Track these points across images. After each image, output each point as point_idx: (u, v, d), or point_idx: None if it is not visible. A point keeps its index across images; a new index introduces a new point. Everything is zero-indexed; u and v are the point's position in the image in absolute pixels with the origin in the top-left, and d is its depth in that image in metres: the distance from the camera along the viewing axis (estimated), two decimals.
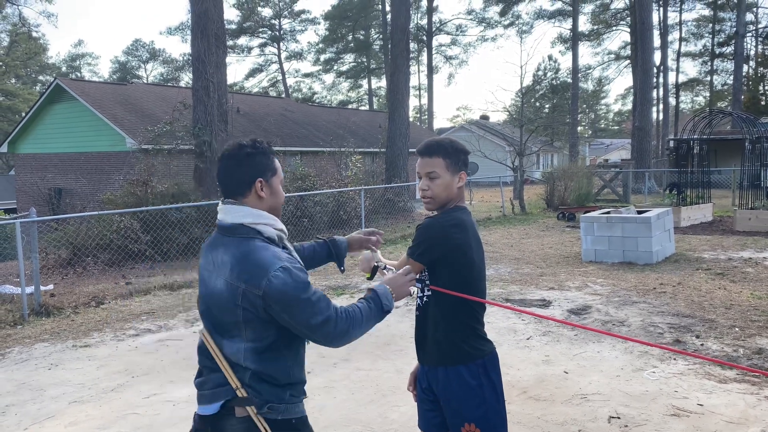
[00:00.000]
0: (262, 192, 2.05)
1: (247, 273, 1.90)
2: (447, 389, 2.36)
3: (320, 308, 1.93)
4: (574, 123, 39.86)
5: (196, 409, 2.06)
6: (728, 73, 50.45)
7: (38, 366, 5.66)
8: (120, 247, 11.02)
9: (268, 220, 2.04)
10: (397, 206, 17.75)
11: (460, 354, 2.35)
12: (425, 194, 2.44)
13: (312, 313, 1.91)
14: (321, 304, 1.94)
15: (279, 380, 1.99)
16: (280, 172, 2.12)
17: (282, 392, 2.00)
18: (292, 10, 57.33)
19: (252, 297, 1.90)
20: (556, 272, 9.27)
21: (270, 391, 1.97)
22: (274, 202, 2.10)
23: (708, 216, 15.35)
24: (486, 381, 2.33)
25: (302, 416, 2.07)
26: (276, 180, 2.10)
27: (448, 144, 2.44)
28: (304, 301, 1.90)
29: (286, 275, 1.89)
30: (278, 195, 2.11)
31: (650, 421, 4.07)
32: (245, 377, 1.96)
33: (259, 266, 1.90)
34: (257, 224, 2.00)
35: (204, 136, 13.74)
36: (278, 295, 1.88)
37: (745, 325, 6.13)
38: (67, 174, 20.92)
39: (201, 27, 13.90)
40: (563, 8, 47.31)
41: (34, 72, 60.15)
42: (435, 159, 2.40)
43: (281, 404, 1.98)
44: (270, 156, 2.10)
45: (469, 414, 2.31)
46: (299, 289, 1.90)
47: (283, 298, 1.88)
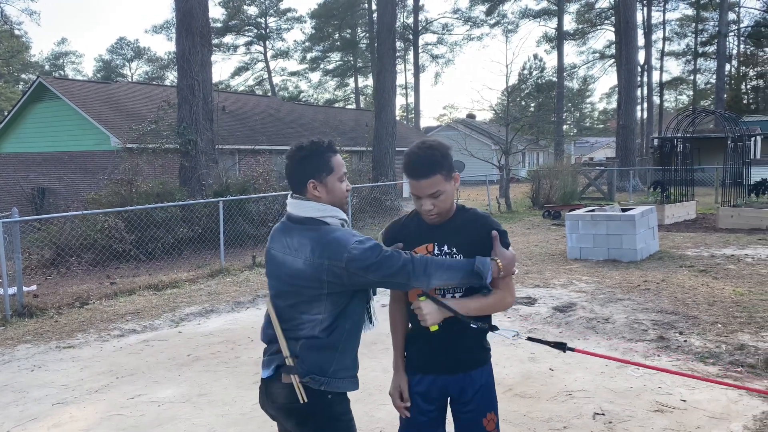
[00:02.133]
0: (316, 191, 2.28)
1: (328, 251, 2.17)
2: (476, 389, 2.39)
3: (395, 258, 2.17)
4: (559, 122, 40.07)
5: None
6: (711, 72, 51.08)
7: (21, 367, 5.60)
8: (104, 247, 10.93)
9: (333, 212, 2.28)
10: (384, 205, 17.75)
11: (486, 354, 2.46)
12: (432, 213, 2.30)
13: (390, 264, 2.16)
14: (395, 255, 2.17)
15: (326, 352, 2.22)
16: (338, 169, 2.31)
17: (326, 365, 2.22)
18: (278, 9, 57.15)
19: (337, 269, 2.16)
20: (542, 270, 9.32)
21: (313, 362, 2.21)
22: (332, 199, 2.31)
23: (691, 214, 15.51)
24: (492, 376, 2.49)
25: (341, 394, 2.27)
26: (332, 179, 2.30)
27: (438, 156, 2.26)
28: (382, 258, 2.15)
29: (361, 245, 2.16)
30: (335, 192, 2.31)
31: (634, 417, 4.11)
32: (296, 348, 2.23)
33: (339, 243, 2.18)
34: (324, 217, 2.27)
35: (189, 135, 13.66)
36: (359, 262, 2.14)
37: (728, 322, 6.21)
38: (50, 173, 20.70)
39: (186, 25, 13.81)
40: (548, 7, 47.54)
41: (17, 70, 59.45)
42: (434, 178, 2.24)
43: (323, 377, 2.21)
44: (326, 156, 2.30)
45: (490, 404, 2.43)
46: (374, 252, 2.15)
47: (363, 263, 2.14)
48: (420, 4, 50.66)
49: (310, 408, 2.21)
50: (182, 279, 9.40)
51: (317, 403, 2.21)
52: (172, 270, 10.38)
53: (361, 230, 14.75)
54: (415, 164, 2.27)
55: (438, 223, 2.35)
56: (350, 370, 2.30)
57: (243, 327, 6.76)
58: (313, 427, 2.25)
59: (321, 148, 2.29)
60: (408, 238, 2.39)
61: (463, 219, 2.37)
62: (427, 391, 2.41)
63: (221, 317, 7.25)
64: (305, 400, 2.19)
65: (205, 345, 6.13)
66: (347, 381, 2.29)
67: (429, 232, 2.37)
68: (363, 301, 2.33)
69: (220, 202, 10.61)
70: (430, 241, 2.36)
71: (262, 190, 13.83)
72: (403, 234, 2.43)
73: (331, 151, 2.32)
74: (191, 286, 9.00)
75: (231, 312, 7.49)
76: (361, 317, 2.35)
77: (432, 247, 2.36)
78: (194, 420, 4.32)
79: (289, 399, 2.22)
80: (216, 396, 4.75)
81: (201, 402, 4.65)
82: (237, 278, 9.54)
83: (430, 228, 2.37)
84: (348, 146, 23.00)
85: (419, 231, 2.39)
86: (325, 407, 2.24)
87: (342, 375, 2.26)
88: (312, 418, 2.23)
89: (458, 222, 2.36)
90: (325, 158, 2.29)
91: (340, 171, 2.32)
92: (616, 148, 32.81)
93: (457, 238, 2.34)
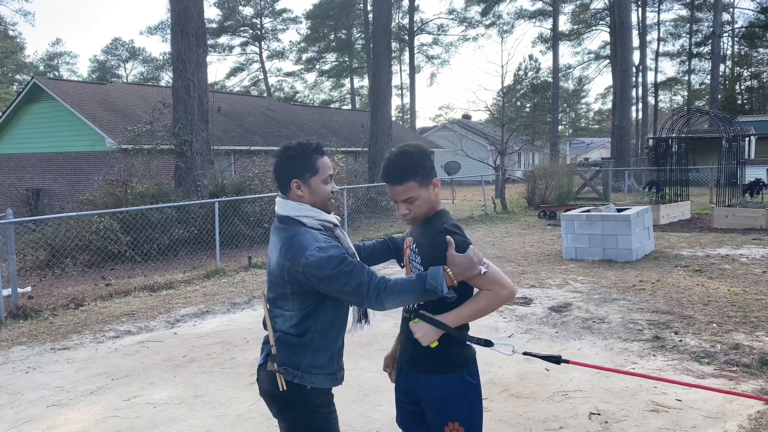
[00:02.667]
0: (299, 191, 2.35)
1: (290, 253, 2.25)
2: (433, 395, 2.32)
3: (354, 276, 2.19)
4: (554, 122, 40.15)
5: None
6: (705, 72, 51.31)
7: (15, 369, 5.57)
8: (99, 248, 10.90)
9: (310, 212, 2.34)
10: (380, 205, 17.75)
11: (452, 364, 2.32)
12: (407, 216, 2.33)
13: (345, 282, 2.19)
14: (355, 272, 2.20)
15: (296, 347, 2.32)
16: (323, 171, 2.37)
17: (298, 360, 2.31)
18: (273, 9, 57.10)
19: (295, 273, 2.24)
20: (538, 270, 9.33)
21: (286, 355, 2.31)
22: (315, 199, 2.37)
23: (686, 214, 15.56)
24: (469, 383, 2.33)
25: (320, 388, 2.34)
26: (316, 180, 2.36)
27: (413, 161, 2.26)
28: (338, 272, 2.18)
29: (320, 252, 2.20)
30: (318, 193, 2.37)
31: (630, 417, 4.12)
32: (276, 338, 2.35)
33: (299, 247, 2.24)
34: (300, 216, 2.33)
35: (184, 135, 13.63)
36: (314, 269, 2.20)
37: (723, 321, 6.23)
38: (45, 174, 20.62)
39: (181, 26, 13.79)
40: (544, 8, 47.67)
41: (11, 71, 59.24)
42: (407, 184, 2.26)
43: (296, 371, 2.30)
44: (311, 157, 2.36)
45: (451, 415, 2.30)
46: (332, 263, 2.19)
47: (318, 272, 2.20)
48: (415, 5, 50.74)
49: (288, 397, 2.31)
50: (178, 280, 9.38)
51: (295, 393, 2.31)
52: (167, 271, 10.36)
53: (356, 231, 14.76)
54: (390, 170, 2.31)
55: (415, 224, 2.42)
56: (326, 368, 2.36)
57: (239, 328, 6.74)
58: (292, 416, 2.35)
59: (307, 150, 2.36)
60: (410, 230, 2.51)
61: (432, 227, 2.35)
62: (403, 381, 2.47)
63: (217, 318, 7.24)
64: (284, 388, 2.29)
65: (200, 346, 6.12)
66: (321, 377, 2.35)
67: (413, 229, 2.48)
68: (337, 304, 2.35)
69: (216, 203, 10.59)
70: (410, 236, 2.48)
71: (257, 191, 13.81)
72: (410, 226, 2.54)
73: (318, 152, 2.37)
74: (187, 287, 8.98)
75: (227, 313, 7.47)
76: (335, 320, 2.38)
77: (410, 241, 2.46)
78: (190, 421, 4.31)
79: (271, 386, 2.34)
80: (212, 397, 4.74)
81: (197, 403, 4.64)
82: (233, 279, 9.52)
83: (415, 226, 2.46)
84: (344, 147, 22.98)
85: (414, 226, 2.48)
86: (303, 398, 2.32)
87: (316, 371, 2.33)
88: (290, 407, 2.33)
89: (428, 228, 2.37)
90: (311, 159, 2.36)
91: (325, 173, 2.38)
92: (611, 149, 32.89)
93: (422, 243, 2.37)
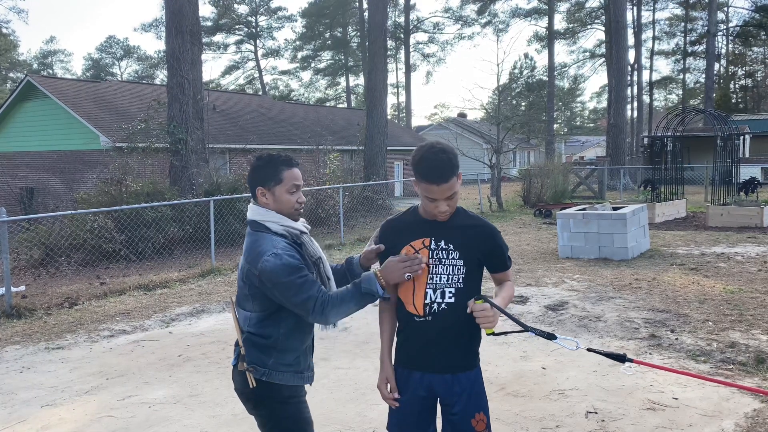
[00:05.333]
0: (264, 198, 2.49)
1: (250, 257, 2.40)
2: (463, 390, 2.38)
3: (304, 289, 2.33)
4: (550, 121, 40.19)
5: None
6: (700, 71, 51.39)
7: (9, 369, 5.53)
8: (94, 247, 10.85)
9: (274, 218, 2.47)
10: (375, 204, 17.74)
11: (476, 359, 2.46)
12: (446, 213, 2.34)
13: (295, 293, 2.33)
14: (305, 286, 2.33)
15: (262, 347, 2.44)
16: (287, 181, 2.48)
17: (265, 358, 2.43)
18: (268, 7, 57.01)
19: (252, 276, 2.39)
20: (534, 269, 9.33)
21: (254, 354, 2.44)
22: (279, 207, 2.48)
23: (681, 212, 15.60)
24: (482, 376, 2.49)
25: (289, 385, 2.46)
26: (280, 189, 2.47)
27: (452, 158, 2.28)
28: (289, 281, 2.32)
29: (275, 259, 2.33)
30: (282, 202, 2.48)
31: (627, 416, 4.12)
32: (244, 339, 2.48)
33: (258, 252, 2.38)
34: (265, 221, 2.47)
35: (179, 134, 13.58)
36: (268, 275, 2.33)
37: (718, 319, 6.23)
38: (39, 173, 20.53)
39: (175, 24, 13.73)
40: (539, 6, 47.68)
41: (5, 69, 58.94)
42: (452, 181, 2.27)
43: (263, 368, 2.43)
44: (278, 168, 2.48)
45: (479, 405, 2.41)
46: (285, 271, 2.32)
47: (271, 278, 2.33)
48: (411, 3, 50.75)
49: (258, 393, 2.44)
50: (173, 279, 9.34)
51: (264, 389, 2.43)
52: (162, 270, 10.32)
53: (352, 229, 14.74)
54: (434, 169, 2.26)
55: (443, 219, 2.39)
56: (293, 366, 2.48)
57: (234, 327, 6.71)
58: (266, 412, 2.48)
59: (275, 161, 2.49)
60: (406, 231, 2.45)
61: (464, 221, 2.42)
62: (415, 387, 2.42)
63: (212, 317, 7.21)
64: (254, 386, 2.42)
65: (196, 345, 6.09)
66: (288, 375, 2.46)
67: (426, 227, 2.41)
68: None
69: (211, 202, 10.55)
70: (427, 236, 2.40)
71: None
72: (401, 227, 2.49)
73: (286, 165, 2.49)
74: (182, 286, 8.94)
75: (222, 312, 7.44)
76: (300, 321, 2.47)
77: (428, 242, 2.39)
78: (185, 421, 4.29)
79: (242, 384, 2.47)
80: (207, 397, 4.71)
81: (192, 403, 4.61)
82: (228, 278, 9.49)
83: (428, 223, 2.41)
84: (339, 145, 22.95)
85: (417, 225, 2.43)
86: (273, 393, 2.45)
87: (282, 369, 2.45)
88: (262, 403, 2.47)
89: (457, 222, 2.41)
90: (277, 170, 2.48)
91: (290, 183, 2.48)
92: (606, 147, 32.96)
93: (457, 238, 2.39)
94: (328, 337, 6.13)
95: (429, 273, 2.37)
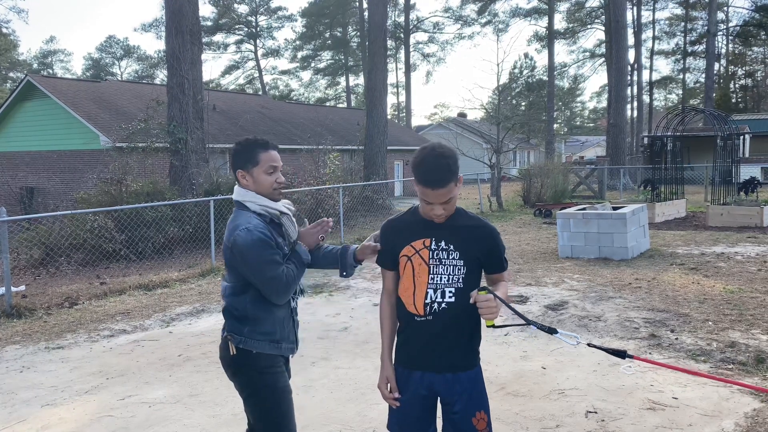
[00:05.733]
0: (244, 180, 2.64)
1: (228, 231, 2.58)
2: (464, 389, 2.39)
3: (270, 268, 2.50)
4: (550, 120, 40.20)
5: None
6: (700, 71, 51.39)
7: (9, 369, 5.53)
8: (94, 247, 10.85)
9: (253, 198, 2.62)
10: (375, 204, 17.73)
11: (476, 358, 2.48)
12: (441, 217, 2.35)
13: (261, 270, 2.50)
14: (272, 265, 2.50)
15: (237, 317, 2.60)
16: (264, 163, 2.62)
17: (240, 327, 2.59)
18: (268, 7, 56.99)
19: (227, 249, 2.58)
20: (534, 268, 9.33)
21: (230, 324, 2.63)
22: (258, 188, 2.63)
23: (681, 212, 15.59)
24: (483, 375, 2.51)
25: (266, 354, 2.60)
26: (257, 170, 2.61)
27: (452, 163, 2.27)
28: (257, 257, 2.49)
29: (246, 234, 2.49)
30: (260, 183, 2.63)
31: (626, 415, 4.12)
32: (223, 309, 2.67)
33: (233, 227, 2.56)
34: (245, 201, 2.63)
35: (179, 133, 13.58)
36: (239, 248, 2.50)
37: (718, 319, 6.23)
38: (39, 173, 20.53)
39: (175, 24, 13.73)
40: (539, 6, 47.69)
41: (5, 69, 58.94)
42: (448, 186, 2.27)
43: (239, 336, 2.59)
44: (255, 151, 2.62)
45: (479, 404, 2.42)
46: (254, 247, 2.48)
47: (241, 252, 2.50)
48: (411, 3, 50.75)
49: (237, 360, 2.59)
50: (173, 279, 9.34)
51: (243, 356, 2.58)
52: (162, 270, 10.32)
53: (352, 229, 14.73)
54: (432, 174, 2.25)
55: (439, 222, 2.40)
56: (269, 335, 2.61)
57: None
58: (244, 379, 2.63)
59: (251, 144, 2.65)
60: (406, 231, 2.46)
61: (464, 221, 2.44)
62: (415, 386, 2.43)
63: (212, 317, 7.21)
64: (234, 353, 2.58)
65: (196, 345, 6.09)
66: (264, 343, 2.60)
67: (427, 228, 2.42)
68: None
69: (211, 202, 10.55)
70: (428, 236, 2.42)
71: None
72: (402, 227, 2.50)
73: (261, 147, 2.64)
74: (182, 286, 8.94)
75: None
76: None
77: (429, 242, 2.41)
78: (185, 421, 4.29)
79: (224, 351, 2.64)
80: (207, 396, 4.72)
81: (192, 403, 4.61)
82: None
83: (428, 223, 2.42)
84: (339, 145, 22.95)
85: (417, 226, 2.44)
86: (250, 361, 2.59)
87: (258, 338, 2.59)
88: (240, 371, 2.62)
89: (458, 222, 2.42)
90: (254, 153, 2.62)
91: (266, 164, 2.62)
92: (606, 147, 32.96)
93: (457, 238, 2.40)
94: (329, 337, 6.13)
95: (429, 273, 2.38)
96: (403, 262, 2.44)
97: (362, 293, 7.97)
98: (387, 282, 2.54)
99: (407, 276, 2.42)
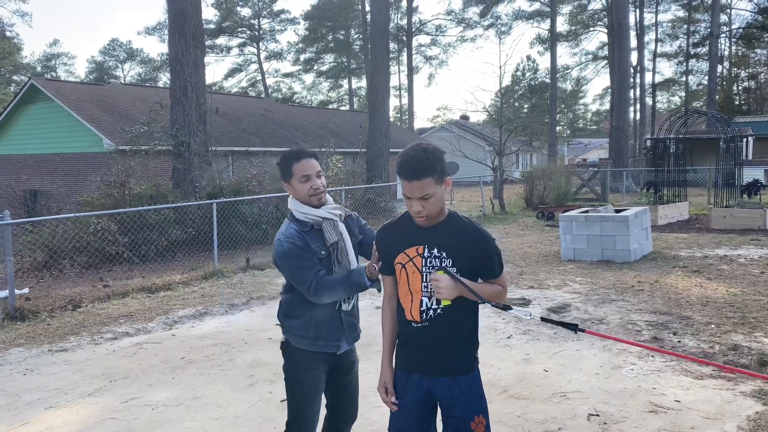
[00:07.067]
0: (290, 190, 2.89)
1: (275, 238, 2.85)
2: (461, 393, 2.39)
3: (300, 273, 2.74)
4: (552, 123, 40.20)
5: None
6: (703, 73, 51.37)
7: (13, 371, 5.55)
8: (97, 250, 10.87)
9: (299, 207, 2.85)
10: (378, 206, 17.72)
11: (474, 362, 2.48)
12: (421, 215, 2.33)
13: (292, 275, 2.78)
14: (301, 271, 2.74)
15: (284, 311, 2.92)
16: (297, 173, 2.82)
17: (284, 320, 2.92)
18: (271, 10, 57.08)
19: (273, 254, 2.86)
20: (536, 271, 9.33)
21: (281, 315, 2.95)
22: (298, 196, 2.86)
23: (684, 214, 15.57)
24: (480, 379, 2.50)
25: (300, 348, 2.86)
26: (294, 181, 2.84)
27: (432, 158, 2.28)
28: (289, 265, 2.76)
29: (278, 245, 2.78)
30: (298, 191, 2.85)
31: (629, 418, 4.11)
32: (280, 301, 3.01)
33: (277, 234, 2.84)
34: (292, 209, 2.88)
35: (182, 136, 13.61)
36: (276, 256, 2.81)
37: (721, 322, 6.23)
38: (42, 175, 20.57)
39: (178, 27, 13.77)
40: (541, 9, 47.72)
41: (8, 72, 59.13)
42: (425, 180, 2.26)
43: (283, 326, 2.92)
44: (288, 163, 2.85)
45: (478, 408, 2.43)
46: (286, 256, 2.76)
47: (277, 260, 2.81)
48: (414, 6, 50.80)
49: (282, 347, 2.95)
50: (176, 281, 9.36)
51: (285, 346, 2.93)
52: (165, 272, 10.34)
53: None
54: (408, 165, 2.29)
55: (427, 225, 2.38)
56: (302, 331, 2.85)
57: (237, 329, 6.73)
58: (284, 365, 2.94)
59: (286, 156, 2.88)
60: (399, 238, 2.46)
61: (457, 227, 2.41)
62: (414, 390, 2.45)
63: (215, 320, 7.22)
64: (284, 340, 2.93)
65: (198, 348, 6.10)
66: (299, 338, 2.85)
67: (420, 235, 2.41)
68: None
69: (214, 204, 10.57)
70: (420, 243, 2.41)
71: (255, 192, 13.79)
72: (396, 234, 2.50)
73: (294, 158, 2.85)
74: (185, 289, 8.96)
75: (225, 314, 7.46)
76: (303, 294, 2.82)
77: (422, 249, 2.40)
78: (188, 423, 4.30)
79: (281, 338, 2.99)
80: (210, 399, 4.73)
81: (195, 405, 4.62)
82: (231, 280, 9.51)
83: (422, 230, 2.41)
84: (342, 148, 22.97)
85: (411, 232, 2.43)
86: (289, 351, 2.90)
87: (294, 333, 2.87)
88: (283, 356, 2.94)
89: (450, 228, 2.40)
90: (288, 164, 2.84)
91: (299, 174, 2.82)
92: (609, 149, 32.91)
93: (449, 244, 2.38)
94: None
95: (423, 281, 2.39)
96: (398, 269, 2.45)
97: (364, 295, 7.97)
98: (387, 286, 2.57)
99: (403, 283, 2.44)
